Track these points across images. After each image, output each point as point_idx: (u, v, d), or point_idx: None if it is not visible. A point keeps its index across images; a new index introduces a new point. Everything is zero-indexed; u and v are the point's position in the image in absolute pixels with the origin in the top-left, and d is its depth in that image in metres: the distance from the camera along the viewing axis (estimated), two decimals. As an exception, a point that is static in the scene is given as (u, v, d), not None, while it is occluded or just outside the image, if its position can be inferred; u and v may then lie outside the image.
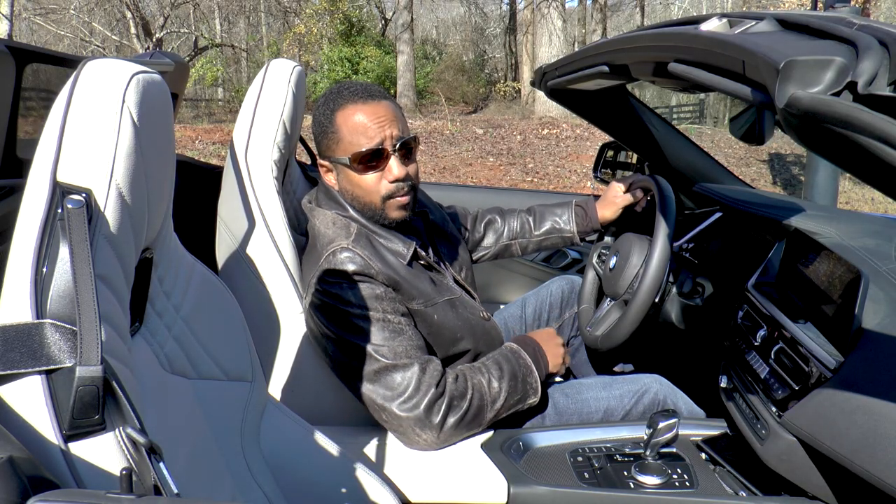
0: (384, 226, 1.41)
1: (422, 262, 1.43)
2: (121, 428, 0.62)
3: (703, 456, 1.29)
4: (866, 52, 0.60)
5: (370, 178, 1.37)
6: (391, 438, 1.31)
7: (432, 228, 1.57)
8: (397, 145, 1.35)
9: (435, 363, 1.30)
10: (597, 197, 1.79)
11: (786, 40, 0.75)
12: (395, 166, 1.36)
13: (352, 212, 1.41)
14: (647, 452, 1.22)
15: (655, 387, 1.48)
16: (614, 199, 1.72)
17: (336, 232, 1.37)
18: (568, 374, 1.86)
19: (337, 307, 1.29)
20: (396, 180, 1.36)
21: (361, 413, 1.39)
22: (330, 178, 1.45)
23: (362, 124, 1.35)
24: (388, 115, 1.36)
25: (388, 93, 1.43)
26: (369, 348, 1.26)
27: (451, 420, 1.25)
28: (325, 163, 1.44)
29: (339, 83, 1.45)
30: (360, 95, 1.37)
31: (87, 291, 0.61)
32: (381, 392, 1.26)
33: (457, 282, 1.53)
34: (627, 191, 1.71)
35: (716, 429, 1.37)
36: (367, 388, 1.27)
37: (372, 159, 1.35)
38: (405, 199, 1.39)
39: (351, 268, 1.30)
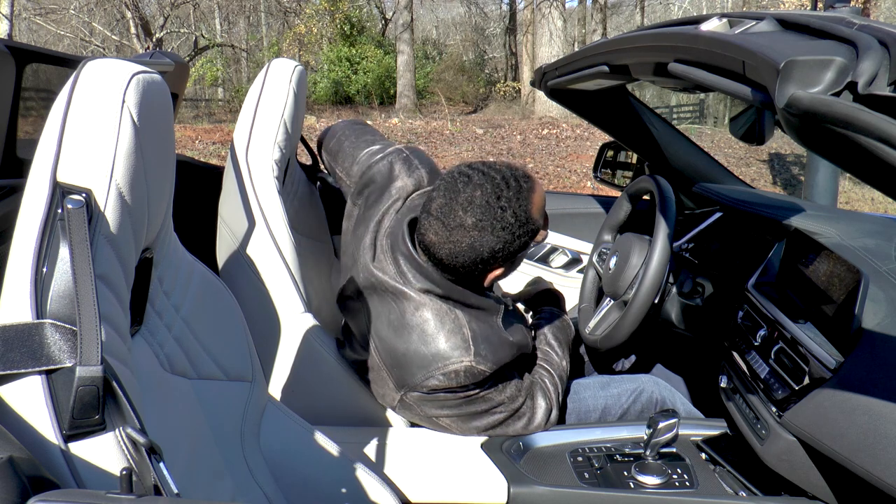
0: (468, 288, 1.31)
1: (509, 309, 1.38)
2: (121, 428, 0.62)
3: (703, 456, 1.29)
4: (866, 52, 0.60)
5: None
6: (391, 438, 1.32)
7: None
8: None
9: (531, 382, 1.37)
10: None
11: (786, 40, 0.75)
12: None
13: (445, 290, 1.26)
14: (647, 452, 1.22)
15: (652, 387, 1.49)
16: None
17: (451, 340, 1.23)
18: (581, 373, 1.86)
19: (455, 398, 1.27)
20: None
21: (361, 413, 1.39)
22: (487, 281, 1.30)
23: (543, 195, 1.28)
24: None
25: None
26: (490, 410, 1.31)
27: (558, 409, 1.38)
28: (504, 267, 1.27)
29: (485, 184, 1.20)
30: (524, 174, 1.26)
31: (87, 291, 0.61)
32: (509, 429, 1.34)
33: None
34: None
35: (716, 429, 1.37)
36: (495, 432, 1.34)
37: None
38: None
39: (472, 380, 1.24)
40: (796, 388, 1.12)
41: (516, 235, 1.22)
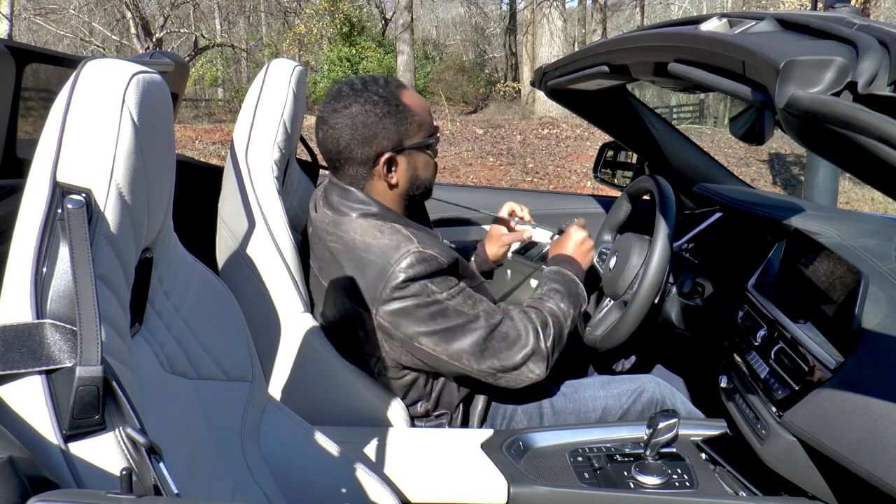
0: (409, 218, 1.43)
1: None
2: (121, 428, 0.62)
3: (703, 456, 1.29)
4: (866, 52, 0.60)
5: (434, 155, 1.43)
6: (391, 438, 1.32)
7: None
8: None
9: (510, 308, 1.38)
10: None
11: (786, 40, 0.75)
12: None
13: (380, 210, 1.35)
14: (647, 452, 1.22)
15: (653, 386, 1.49)
16: (499, 237, 1.69)
17: (393, 239, 1.30)
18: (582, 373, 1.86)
19: (426, 306, 1.27)
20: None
21: (361, 413, 1.39)
22: (392, 177, 1.36)
23: (424, 102, 1.39)
24: None
25: None
26: (467, 325, 1.29)
27: (550, 344, 1.34)
28: (399, 157, 1.36)
29: (354, 80, 1.39)
30: (398, 81, 1.40)
31: (87, 291, 0.61)
32: (492, 357, 1.30)
33: None
34: (510, 229, 1.70)
35: (716, 429, 1.37)
36: (478, 361, 1.31)
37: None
38: None
39: (427, 268, 1.27)
40: (796, 388, 1.12)
41: (387, 112, 1.32)
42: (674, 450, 1.28)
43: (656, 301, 1.41)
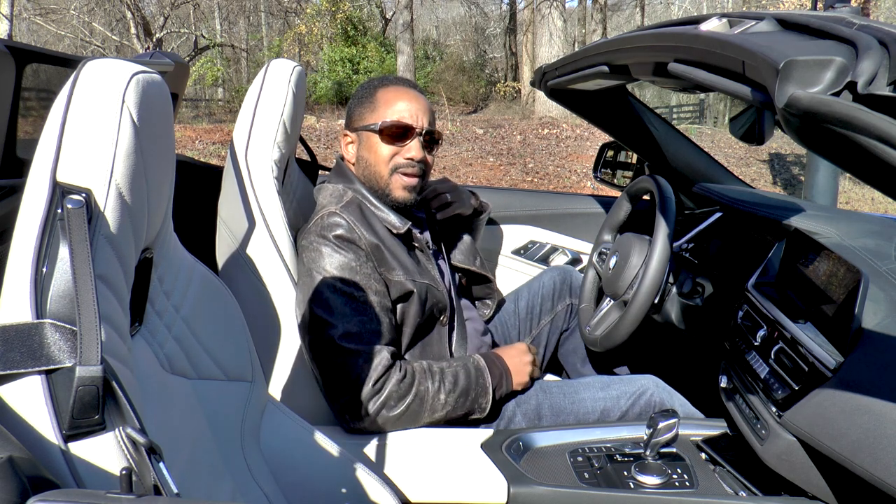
0: (385, 203, 1.48)
1: (415, 244, 1.50)
2: (121, 428, 0.62)
3: (703, 456, 1.29)
4: (866, 52, 0.60)
5: (389, 149, 1.47)
6: (391, 438, 1.31)
7: (438, 222, 1.64)
8: (423, 132, 1.48)
9: (383, 356, 1.29)
10: None
11: (786, 40, 0.75)
12: (414, 147, 1.47)
13: (356, 184, 1.49)
14: (647, 452, 1.22)
15: (652, 388, 1.48)
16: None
17: (330, 200, 1.45)
18: (561, 372, 1.87)
19: (311, 272, 1.34)
20: (411, 159, 1.47)
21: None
22: (349, 149, 1.55)
23: (401, 105, 1.48)
24: (424, 107, 1.50)
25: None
26: (328, 319, 1.29)
27: (383, 416, 1.29)
28: (351, 134, 1.54)
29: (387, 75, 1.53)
30: (406, 84, 1.53)
31: (87, 291, 0.61)
32: (325, 368, 1.30)
33: (457, 280, 1.59)
34: None
35: (716, 429, 1.37)
36: (317, 360, 1.32)
37: (398, 134, 1.46)
38: (412, 181, 1.49)
39: (335, 232, 1.36)
40: (796, 388, 1.11)
41: (362, 98, 1.53)
42: (674, 450, 1.28)
43: (656, 301, 1.41)
